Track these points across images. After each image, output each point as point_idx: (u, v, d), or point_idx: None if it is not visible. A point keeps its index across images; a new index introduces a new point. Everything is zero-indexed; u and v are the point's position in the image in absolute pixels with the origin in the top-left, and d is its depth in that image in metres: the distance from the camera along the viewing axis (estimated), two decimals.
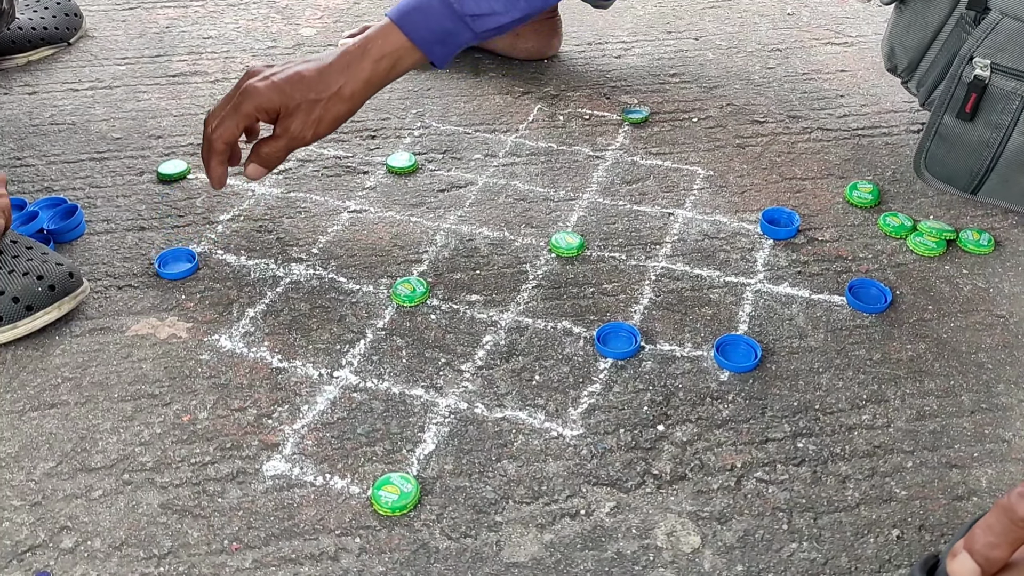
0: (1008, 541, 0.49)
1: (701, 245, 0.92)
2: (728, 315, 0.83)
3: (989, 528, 0.50)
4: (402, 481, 0.67)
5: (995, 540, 0.49)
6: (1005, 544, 0.49)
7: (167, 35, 1.32)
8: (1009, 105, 0.89)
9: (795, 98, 1.19)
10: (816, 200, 0.99)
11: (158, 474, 0.68)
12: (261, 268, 0.88)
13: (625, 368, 0.78)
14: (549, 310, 0.84)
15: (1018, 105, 0.88)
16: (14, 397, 0.74)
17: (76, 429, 0.71)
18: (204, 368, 0.77)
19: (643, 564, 0.62)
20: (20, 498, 0.66)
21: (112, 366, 0.77)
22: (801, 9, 1.44)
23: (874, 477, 0.68)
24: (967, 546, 0.51)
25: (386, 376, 0.77)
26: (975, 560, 0.50)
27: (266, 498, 0.66)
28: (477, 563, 0.62)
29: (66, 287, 0.80)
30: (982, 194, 0.95)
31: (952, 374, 0.77)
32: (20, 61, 1.23)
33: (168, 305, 0.83)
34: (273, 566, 0.62)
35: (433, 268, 0.89)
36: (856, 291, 0.85)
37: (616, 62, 1.28)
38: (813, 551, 0.63)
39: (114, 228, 0.93)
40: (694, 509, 0.66)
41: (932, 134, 0.94)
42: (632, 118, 1.13)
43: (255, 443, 0.70)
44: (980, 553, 0.50)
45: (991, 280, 0.88)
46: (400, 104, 1.16)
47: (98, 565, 0.62)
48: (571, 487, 0.67)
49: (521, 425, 0.72)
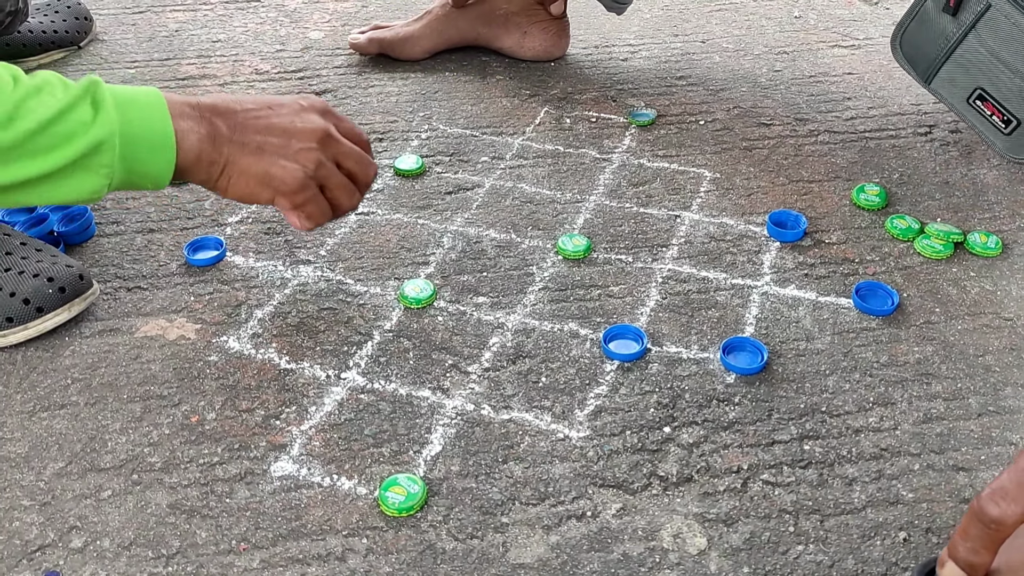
0: (985, 545, 0.49)
1: (708, 247, 0.92)
2: (735, 317, 0.83)
3: (966, 534, 0.50)
4: (409, 482, 0.67)
5: (973, 545, 0.49)
6: (983, 548, 0.49)
7: (176, 38, 1.33)
8: (977, 6, 0.92)
9: (802, 101, 1.19)
10: (823, 202, 0.99)
11: (167, 474, 0.68)
12: (269, 270, 0.89)
13: (632, 370, 0.78)
14: (556, 312, 0.84)
15: (981, 8, 0.91)
16: (24, 398, 0.75)
17: (85, 430, 0.72)
18: (212, 369, 0.77)
19: (649, 566, 0.62)
20: (30, 498, 0.67)
21: (121, 367, 0.78)
22: (808, 12, 1.44)
23: (881, 480, 0.68)
24: (950, 554, 0.51)
25: (393, 378, 0.77)
26: (960, 567, 0.50)
27: (274, 499, 0.67)
28: (483, 564, 0.62)
29: (76, 289, 0.80)
30: (934, 84, 0.99)
31: (959, 377, 0.77)
32: (31, 64, 1.24)
33: (177, 307, 0.84)
34: (281, 566, 0.62)
35: (440, 270, 0.89)
36: (863, 293, 0.85)
37: (623, 65, 1.28)
38: (820, 553, 0.63)
39: (123, 230, 0.94)
40: (700, 511, 0.66)
41: (914, 13, 0.99)
42: (639, 120, 1.13)
43: (263, 444, 0.71)
44: (963, 560, 0.50)
45: (999, 283, 0.88)
46: (407, 107, 1.17)
47: (107, 565, 0.62)
48: (577, 489, 0.68)
49: (528, 427, 0.73)
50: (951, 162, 1.06)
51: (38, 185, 0.62)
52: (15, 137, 0.60)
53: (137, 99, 0.65)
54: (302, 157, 0.70)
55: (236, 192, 0.70)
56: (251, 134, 0.69)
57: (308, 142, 0.70)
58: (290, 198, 0.71)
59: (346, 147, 0.72)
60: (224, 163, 0.68)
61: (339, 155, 0.72)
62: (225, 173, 0.69)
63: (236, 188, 0.70)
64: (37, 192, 0.63)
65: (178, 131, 0.66)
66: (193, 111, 0.67)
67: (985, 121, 0.96)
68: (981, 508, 0.48)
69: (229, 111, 0.69)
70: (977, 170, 1.04)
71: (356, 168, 0.73)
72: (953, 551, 0.51)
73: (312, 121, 0.71)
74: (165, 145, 0.65)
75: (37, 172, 0.61)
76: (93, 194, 0.65)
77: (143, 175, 0.66)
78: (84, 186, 0.64)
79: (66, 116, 0.62)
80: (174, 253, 0.91)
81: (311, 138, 0.70)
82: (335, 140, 0.72)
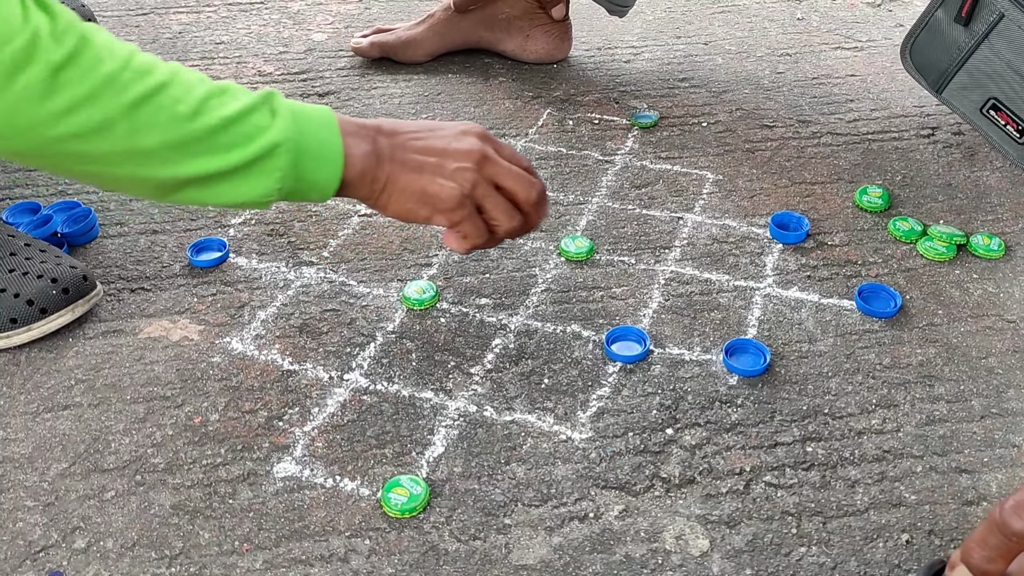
0: (1003, 555, 0.49)
1: (710, 249, 0.92)
2: (737, 319, 0.83)
3: (984, 543, 0.49)
4: (411, 483, 0.67)
5: (990, 554, 0.49)
6: (1000, 558, 0.49)
7: (180, 40, 1.33)
8: (989, 16, 0.92)
9: (805, 102, 1.19)
10: (826, 204, 0.99)
11: (170, 475, 0.68)
12: (272, 271, 0.89)
13: (634, 372, 0.78)
14: (558, 314, 0.84)
15: (994, 19, 0.91)
16: (28, 399, 0.75)
17: (89, 430, 0.72)
18: (216, 370, 0.78)
19: (651, 567, 0.62)
20: (34, 499, 0.67)
21: (125, 368, 0.78)
22: (811, 14, 1.44)
23: (883, 482, 0.68)
24: (964, 559, 0.51)
25: (396, 379, 0.77)
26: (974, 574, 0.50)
27: (277, 499, 0.67)
28: (486, 565, 0.63)
29: (80, 290, 0.80)
30: (946, 94, 0.99)
31: (962, 379, 0.77)
32: None
33: (180, 308, 0.84)
34: (283, 567, 0.62)
35: (443, 271, 0.89)
36: (865, 295, 0.85)
37: (626, 67, 1.28)
38: (822, 555, 0.63)
39: (127, 232, 0.94)
40: (703, 513, 0.66)
41: (924, 23, 0.99)
42: (641, 122, 1.13)
43: (266, 445, 0.71)
44: (977, 567, 0.50)
45: (1001, 285, 0.88)
46: (410, 109, 1.17)
47: (110, 565, 0.62)
48: (580, 490, 0.68)
49: (530, 428, 0.73)
50: (954, 164, 1.06)
51: (215, 182, 0.65)
52: (200, 130, 0.63)
53: (310, 112, 0.68)
54: (458, 176, 0.71)
55: (396, 209, 0.72)
56: (410, 154, 0.71)
57: (464, 162, 0.71)
58: (447, 216, 0.72)
59: (504, 167, 0.73)
60: (385, 181, 0.71)
61: (497, 175, 0.73)
62: (386, 191, 0.71)
63: (396, 205, 0.72)
64: (213, 190, 0.65)
65: (346, 145, 0.69)
66: (360, 129, 0.70)
67: (999, 131, 0.96)
68: (1004, 521, 0.48)
69: (392, 132, 0.72)
70: (980, 172, 1.04)
71: (515, 187, 0.73)
72: (967, 556, 0.50)
73: (469, 143, 0.72)
74: (334, 157, 0.68)
75: (216, 168, 0.64)
76: (263, 197, 0.67)
77: (311, 184, 0.68)
78: (257, 188, 0.66)
79: (246, 118, 0.65)
80: (177, 254, 0.91)
81: (467, 158, 0.71)
82: (492, 161, 0.73)
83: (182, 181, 0.64)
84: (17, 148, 0.60)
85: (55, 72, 0.57)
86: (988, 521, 0.49)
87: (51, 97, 0.58)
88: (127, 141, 0.61)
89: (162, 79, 0.62)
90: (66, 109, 0.58)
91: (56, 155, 0.61)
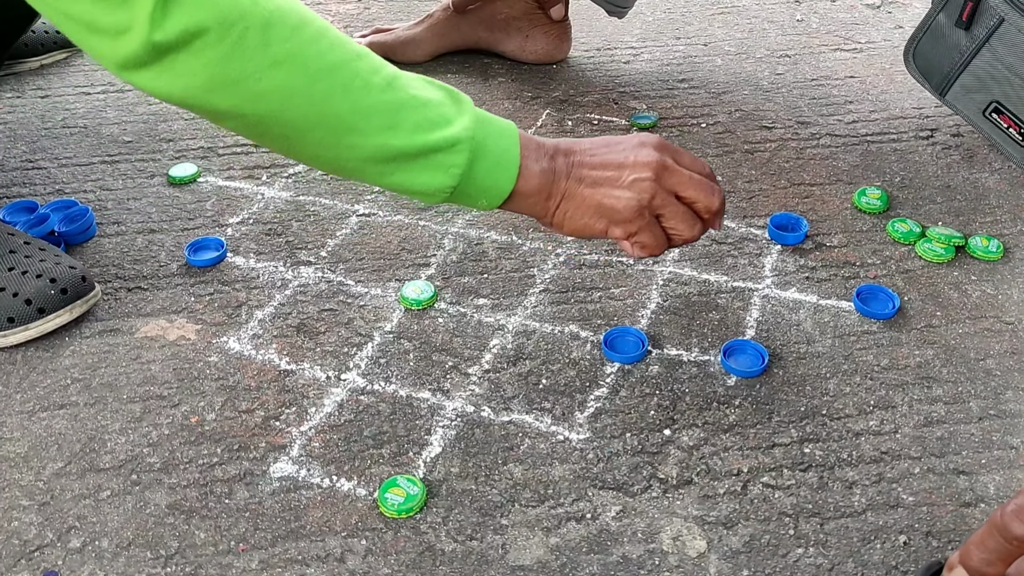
0: (1002, 558, 0.49)
1: (709, 250, 0.92)
2: (735, 320, 0.83)
3: (983, 546, 0.49)
4: (408, 483, 0.67)
5: (989, 557, 0.49)
6: (999, 560, 0.49)
7: None
8: (989, 20, 0.92)
9: (804, 104, 1.19)
10: (824, 206, 0.99)
11: (166, 475, 0.68)
12: (270, 271, 0.89)
13: (632, 372, 0.78)
14: (556, 314, 0.84)
15: (995, 23, 0.92)
16: (24, 398, 0.75)
17: (85, 430, 0.72)
18: (212, 370, 0.77)
19: (649, 568, 0.62)
20: (29, 498, 0.67)
21: (121, 367, 0.78)
22: (810, 15, 1.44)
23: (881, 483, 0.68)
24: (962, 561, 0.51)
25: (393, 379, 0.77)
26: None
27: (273, 499, 0.67)
28: (483, 566, 0.62)
29: (78, 291, 0.80)
30: (949, 97, 0.99)
31: (960, 380, 0.77)
32: (33, 65, 1.24)
33: (177, 307, 0.84)
34: (279, 567, 0.62)
35: (441, 272, 0.89)
36: (864, 297, 0.85)
37: (625, 67, 1.28)
38: (819, 557, 0.63)
39: (124, 231, 0.94)
40: (700, 514, 0.66)
41: (926, 27, 0.99)
42: (641, 123, 1.13)
43: (262, 445, 0.71)
44: (975, 569, 0.50)
45: (1000, 286, 0.87)
46: None
47: (105, 565, 0.62)
48: (577, 491, 0.68)
49: (527, 428, 0.73)
50: (953, 166, 1.06)
51: (395, 164, 0.65)
52: (390, 102, 0.64)
53: (494, 119, 0.69)
54: (636, 187, 0.70)
55: (572, 226, 0.72)
56: (587, 169, 0.71)
57: (642, 172, 0.71)
58: (624, 227, 0.71)
59: (684, 176, 0.72)
60: (560, 198, 0.71)
61: (676, 184, 0.72)
62: (561, 208, 0.71)
63: (572, 222, 0.72)
64: (391, 171, 0.66)
65: (524, 158, 0.69)
66: (539, 147, 0.71)
67: (1002, 133, 0.97)
68: (1005, 525, 0.48)
69: (569, 151, 0.72)
70: (979, 174, 1.04)
71: (696, 196, 0.72)
72: (966, 558, 0.50)
73: (647, 154, 0.72)
74: (510, 165, 0.68)
75: (398, 147, 0.64)
76: (437, 192, 0.67)
77: (483, 189, 0.68)
78: (432, 181, 0.66)
79: (435, 106, 0.66)
80: (175, 253, 0.91)
81: (645, 169, 0.71)
82: (671, 170, 0.72)
83: (362, 157, 0.64)
84: (219, 105, 0.61)
85: (265, 27, 0.59)
86: (988, 524, 0.49)
87: (262, 50, 0.59)
88: (322, 105, 0.62)
89: (359, 50, 0.64)
90: (272, 63, 0.59)
91: (254, 114, 0.61)
